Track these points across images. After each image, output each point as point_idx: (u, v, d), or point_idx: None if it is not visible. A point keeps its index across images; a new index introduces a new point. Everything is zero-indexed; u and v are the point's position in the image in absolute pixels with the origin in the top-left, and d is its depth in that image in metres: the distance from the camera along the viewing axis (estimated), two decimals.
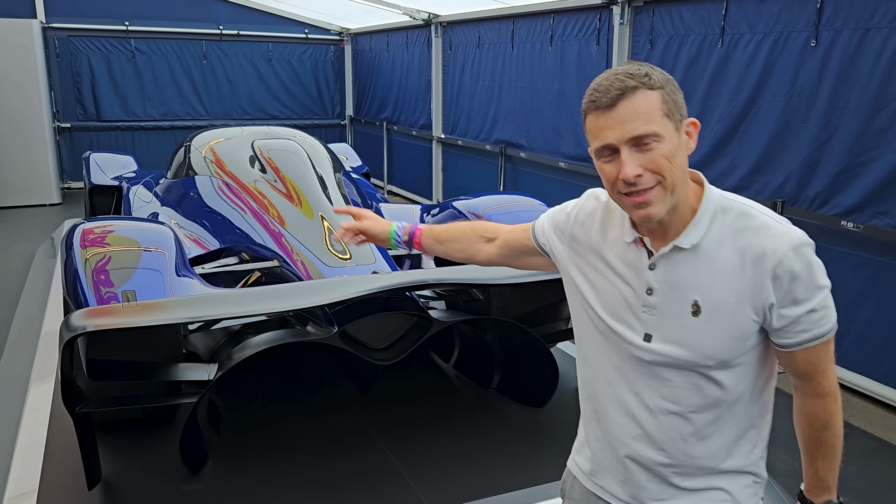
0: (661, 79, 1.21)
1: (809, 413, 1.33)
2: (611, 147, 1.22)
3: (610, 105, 1.20)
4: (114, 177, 5.84)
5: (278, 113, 10.12)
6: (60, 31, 8.84)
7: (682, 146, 1.23)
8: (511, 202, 3.92)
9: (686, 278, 1.27)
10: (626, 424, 1.37)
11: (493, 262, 1.68)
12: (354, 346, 2.92)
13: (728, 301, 1.24)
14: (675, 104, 1.22)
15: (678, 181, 1.23)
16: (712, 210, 1.27)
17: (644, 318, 1.31)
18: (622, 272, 1.34)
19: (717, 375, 1.27)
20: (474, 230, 1.70)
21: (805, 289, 1.22)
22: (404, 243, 1.75)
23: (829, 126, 3.83)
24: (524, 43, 6.55)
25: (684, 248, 1.26)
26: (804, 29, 3.95)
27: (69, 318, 2.47)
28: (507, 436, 3.18)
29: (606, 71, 1.24)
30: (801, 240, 1.23)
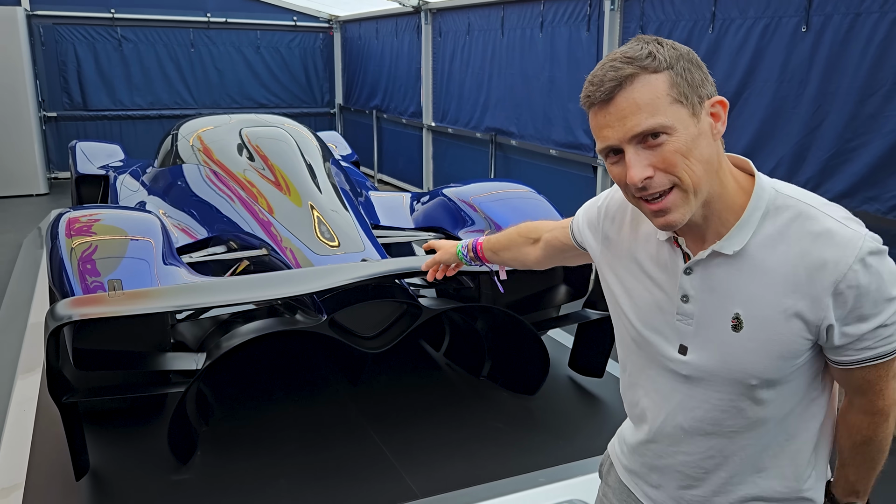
0: (669, 56, 1.02)
1: (852, 425, 1.17)
2: (614, 148, 1.05)
3: (606, 99, 1.03)
4: (100, 166, 5.78)
5: (267, 101, 10.04)
6: (45, 19, 8.73)
7: (703, 134, 1.03)
8: (501, 189, 3.90)
9: (727, 287, 1.09)
10: (662, 439, 1.24)
11: (542, 262, 1.58)
12: (343, 335, 2.90)
13: (776, 317, 1.06)
14: (690, 85, 1.03)
15: (701, 178, 1.03)
16: (763, 209, 1.07)
17: (679, 327, 1.15)
18: (655, 275, 1.19)
19: (761, 395, 1.11)
20: (520, 234, 1.61)
21: (873, 303, 1.03)
22: (472, 260, 1.69)
23: (819, 111, 3.82)
24: (514, 30, 6.51)
25: (726, 254, 1.09)
26: (795, 14, 3.94)
27: (55, 307, 2.45)
28: (498, 423, 3.18)
29: (606, 56, 1.07)
30: (870, 247, 1.02)
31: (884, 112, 3.51)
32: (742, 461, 1.18)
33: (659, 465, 1.27)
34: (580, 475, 2.69)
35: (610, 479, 1.43)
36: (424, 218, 4.05)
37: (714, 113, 1.06)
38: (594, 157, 5.58)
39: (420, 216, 4.10)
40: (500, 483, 2.71)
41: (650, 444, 1.27)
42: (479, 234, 3.61)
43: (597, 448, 2.91)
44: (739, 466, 1.18)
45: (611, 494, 1.41)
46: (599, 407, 3.37)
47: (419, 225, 4.04)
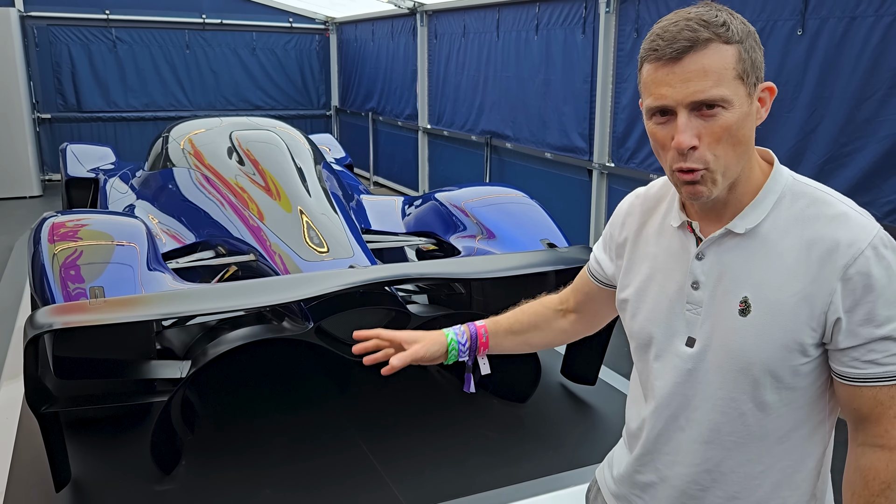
0: (741, 30, 1.00)
1: (867, 469, 1.04)
2: (667, 108, 1.01)
3: (674, 58, 0.98)
4: (91, 168, 5.74)
5: (262, 103, 10.00)
6: (39, 20, 8.68)
7: (751, 115, 1.02)
8: (493, 194, 3.86)
9: (737, 270, 1.06)
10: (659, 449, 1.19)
11: (581, 330, 1.44)
12: (330, 342, 2.85)
13: (785, 301, 1.02)
14: (753, 64, 1.01)
15: (739, 156, 1.02)
16: (778, 192, 1.06)
17: (688, 317, 1.12)
18: (666, 267, 1.16)
19: (765, 396, 1.06)
20: (544, 305, 1.44)
21: (886, 303, 0.98)
22: (468, 350, 1.38)
23: (814, 115, 3.78)
24: (510, 32, 6.47)
25: (738, 232, 1.06)
26: (790, 17, 3.90)
27: (34, 315, 2.40)
28: (489, 432, 3.13)
29: (676, 12, 1.03)
30: (884, 238, 1.00)
31: (879, 116, 3.47)
32: (740, 482, 1.12)
33: (651, 483, 1.21)
34: (572, 485, 2.65)
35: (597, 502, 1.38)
36: (416, 223, 4.01)
37: (762, 98, 1.06)
38: (589, 160, 5.54)
39: (412, 221, 4.06)
40: (490, 494, 2.67)
41: (645, 456, 1.22)
42: (471, 239, 3.57)
43: (589, 458, 2.88)
44: (737, 488, 1.12)
45: None
46: (592, 415, 3.33)
47: (411, 229, 4.00)
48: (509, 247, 3.38)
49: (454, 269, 2.97)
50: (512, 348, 1.44)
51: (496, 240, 3.47)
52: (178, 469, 2.82)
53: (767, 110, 1.07)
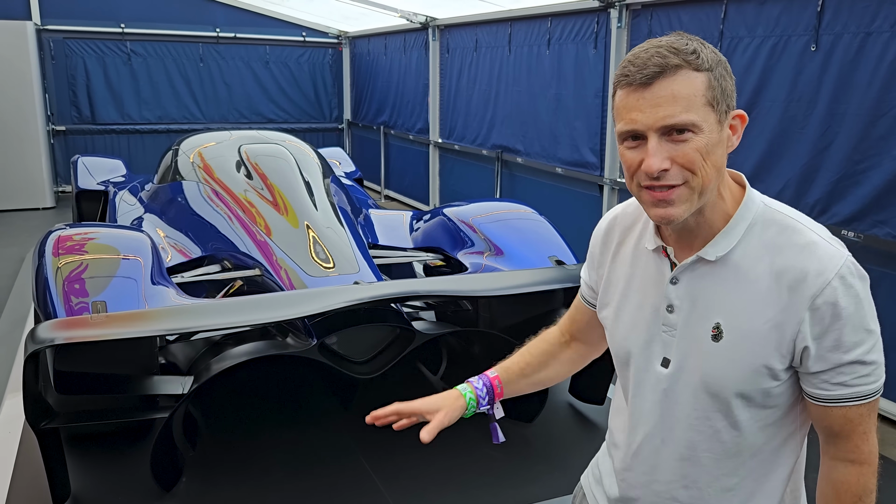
0: (710, 59, 1.02)
1: (840, 482, 1.08)
2: (638, 134, 1.03)
3: (645, 83, 1.00)
4: (101, 181, 5.76)
5: (275, 116, 10.03)
6: (56, 33, 8.76)
7: (722, 142, 1.04)
8: (502, 210, 3.83)
9: (709, 296, 1.09)
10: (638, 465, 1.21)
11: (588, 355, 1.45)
12: (334, 360, 2.82)
13: (755, 328, 1.05)
14: (723, 91, 1.03)
15: (709, 182, 1.03)
16: (749, 219, 1.08)
17: (664, 338, 1.14)
18: (642, 287, 1.18)
19: (737, 415, 1.09)
20: (548, 342, 1.45)
21: (853, 331, 1.02)
22: (487, 402, 1.39)
23: (828, 132, 3.72)
24: (521, 46, 6.45)
25: (709, 260, 1.09)
26: (804, 33, 3.85)
27: (36, 329, 2.38)
28: (493, 452, 3.08)
29: (648, 41, 1.05)
30: (851, 269, 1.03)
31: (894, 134, 3.41)
32: (716, 495, 1.15)
33: (632, 497, 1.24)
34: None
35: None
36: (424, 238, 3.98)
37: (732, 125, 1.07)
38: (600, 175, 5.49)
39: (420, 236, 4.03)
40: None
41: (625, 472, 1.24)
42: (479, 255, 3.53)
43: None
44: (713, 501, 1.15)
45: None
46: (600, 436, 3.25)
47: (418, 245, 3.97)
48: (517, 264, 3.34)
49: (460, 286, 2.94)
50: (526, 389, 1.45)
51: (504, 256, 3.44)
52: (179, 486, 2.79)
53: (739, 138, 1.08)
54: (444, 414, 1.35)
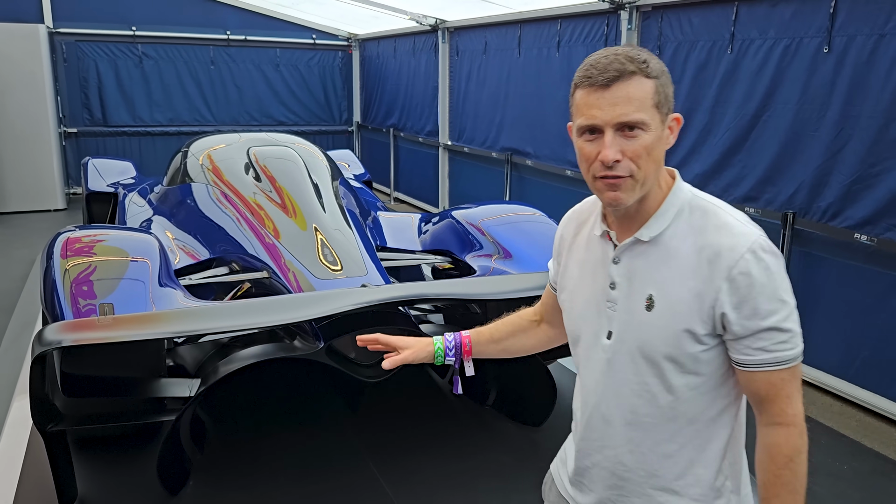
0: (657, 69, 1.19)
1: (771, 445, 1.20)
2: (596, 128, 1.18)
3: (604, 85, 1.16)
4: (111, 183, 5.77)
5: (285, 119, 10.05)
6: (68, 36, 8.81)
7: (662, 140, 1.21)
8: (510, 212, 3.80)
9: (644, 271, 1.25)
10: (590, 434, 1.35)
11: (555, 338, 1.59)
12: (341, 362, 2.81)
13: (682, 298, 1.20)
14: (666, 97, 1.20)
15: (650, 174, 1.20)
16: (678, 206, 1.25)
17: (608, 314, 1.29)
18: (592, 270, 1.34)
19: (671, 380, 1.23)
20: (521, 317, 1.62)
21: (766, 299, 1.16)
22: (453, 355, 1.57)
23: (841, 135, 3.68)
24: (531, 49, 6.43)
25: (644, 240, 1.25)
26: (816, 35, 3.82)
27: (43, 331, 2.38)
28: (502, 455, 3.06)
29: (605, 49, 1.20)
30: (763, 244, 1.18)
31: None
32: (658, 460, 1.28)
33: (587, 466, 1.37)
34: None
35: (551, 496, 1.50)
36: (433, 240, 3.96)
37: (671, 126, 1.23)
38: None
39: (428, 238, 4.01)
40: None
41: (582, 442, 1.37)
42: (487, 258, 3.51)
43: None
44: (656, 466, 1.28)
45: None
46: None
47: (427, 247, 3.96)
48: (525, 266, 3.32)
49: (468, 289, 2.92)
50: (494, 354, 1.62)
51: (512, 259, 3.42)
52: (186, 489, 2.78)
53: (675, 137, 1.24)
54: (412, 352, 1.56)
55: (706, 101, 4.51)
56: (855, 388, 3.70)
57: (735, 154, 4.31)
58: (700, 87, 4.56)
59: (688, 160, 4.62)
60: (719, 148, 4.40)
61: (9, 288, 5.48)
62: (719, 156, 4.39)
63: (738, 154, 4.30)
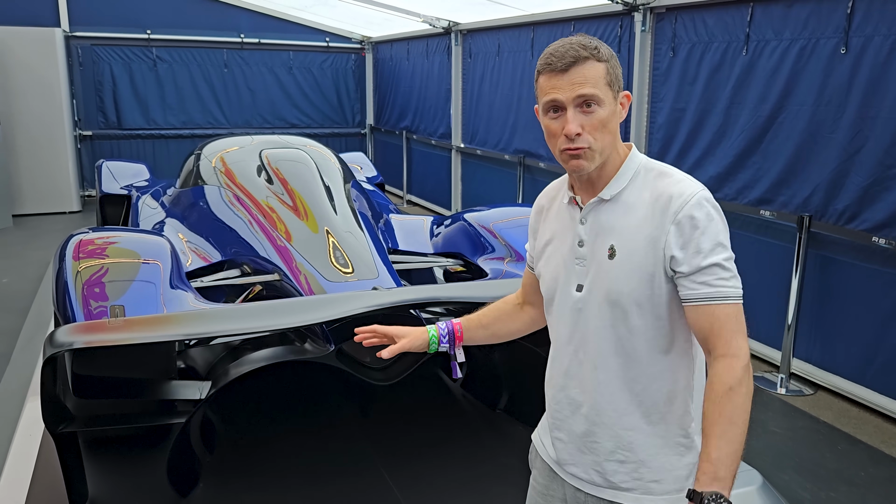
0: (606, 53, 1.37)
1: (714, 376, 1.28)
2: (558, 104, 1.35)
3: (563, 69, 1.34)
4: (124, 185, 5.80)
5: (299, 122, 10.07)
6: (83, 40, 8.88)
7: (615, 114, 1.39)
8: (523, 215, 3.78)
9: (607, 226, 1.40)
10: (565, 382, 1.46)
11: (539, 320, 1.67)
12: (351, 366, 2.79)
13: (639, 245, 1.35)
14: (616, 77, 1.38)
15: (607, 143, 1.38)
16: (634, 168, 1.42)
17: (577, 270, 1.44)
18: (562, 233, 1.48)
19: (634, 321, 1.36)
20: (505, 301, 1.74)
21: (708, 240, 1.30)
22: (447, 342, 1.68)
23: (858, 137, 3.64)
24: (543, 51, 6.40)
25: (606, 199, 1.41)
26: (833, 35, 3.77)
27: (54, 333, 2.38)
28: (513, 460, 3.03)
29: (561, 39, 1.39)
30: (706, 196, 1.34)
31: None
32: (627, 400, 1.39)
33: (560, 417, 1.48)
34: None
35: (537, 463, 1.61)
36: (444, 243, 3.95)
37: (622, 103, 1.41)
38: None
39: (440, 241, 4.00)
40: None
41: (557, 393, 1.48)
42: (499, 261, 3.49)
43: None
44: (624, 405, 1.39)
45: (538, 476, 1.59)
46: None
47: (438, 250, 3.94)
48: None
49: (479, 292, 2.89)
50: (484, 340, 1.72)
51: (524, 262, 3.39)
52: (196, 491, 2.77)
53: (626, 111, 1.42)
54: (408, 341, 1.66)
55: (720, 103, 4.47)
56: (873, 394, 3.64)
57: (749, 156, 4.27)
58: (714, 89, 4.52)
59: (702, 162, 4.58)
60: (734, 150, 4.35)
61: (24, 289, 5.52)
62: (734, 158, 4.35)
63: (752, 156, 4.26)
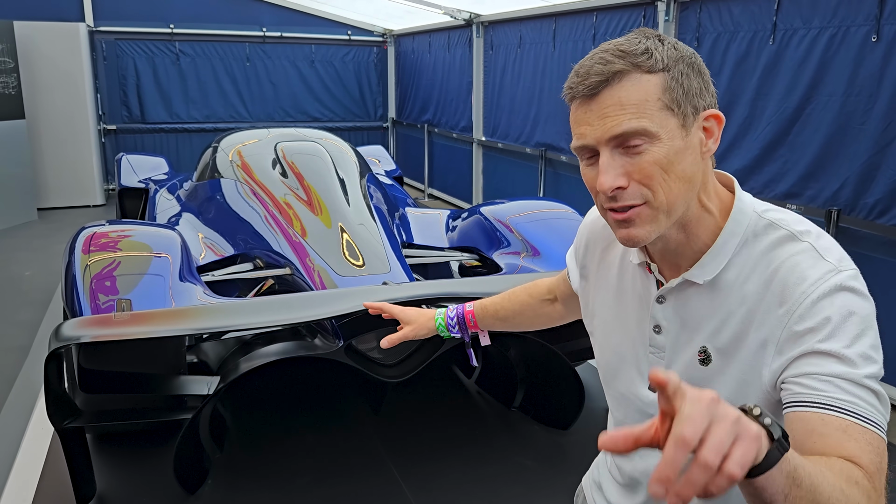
0: (668, 56, 0.91)
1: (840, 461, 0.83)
2: (591, 149, 0.93)
3: (589, 94, 0.91)
4: (142, 179, 5.81)
5: (320, 115, 10.05)
6: (107, 35, 8.92)
7: (690, 149, 0.91)
8: (539, 209, 3.70)
9: (698, 318, 0.99)
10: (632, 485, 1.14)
11: (568, 317, 1.44)
12: (361, 362, 2.74)
13: (744, 349, 0.96)
14: (686, 92, 0.91)
15: (676, 198, 0.92)
16: (741, 234, 0.96)
17: (652, 360, 1.05)
18: (629, 303, 1.08)
19: None
20: (531, 295, 1.46)
21: None
22: (457, 328, 1.48)
23: (890, 128, 3.50)
24: (566, 42, 6.30)
25: (697, 283, 0.98)
26: (864, 23, 3.63)
27: (60, 327, 2.35)
28: (527, 460, 2.97)
29: (601, 45, 0.94)
30: (840, 278, 0.91)
31: None
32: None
33: None
34: None
35: None
36: (460, 237, 3.88)
37: (707, 128, 0.94)
38: None
39: (456, 235, 3.93)
40: None
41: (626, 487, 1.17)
42: (515, 256, 3.42)
43: None
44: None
45: None
46: None
47: (454, 244, 3.87)
48: (553, 265, 3.21)
49: (492, 287, 2.82)
50: (499, 329, 1.50)
51: (540, 257, 3.31)
52: (204, 489, 2.74)
53: (717, 140, 0.95)
54: (412, 329, 1.49)
55: (746, 94, 4.34)
56: None
57: (777, 148, 4.14)
58: (740, 80, 4.39)
59: (727, 155, 4.45)
60: (760, 142, 4.22)
61: (46, 282, 5.55)
62: (760, 150, 4.22)
63: (779, 148, 4.12)
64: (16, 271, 5.84)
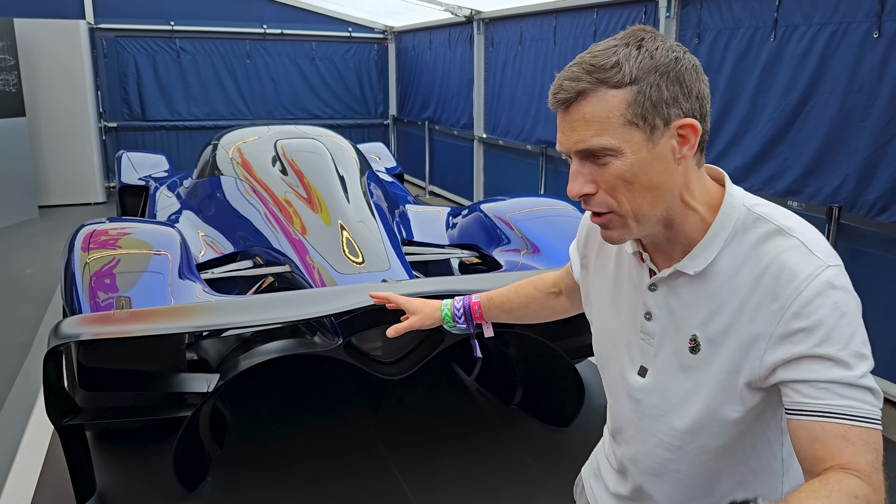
0: (640, 68, 0.92)
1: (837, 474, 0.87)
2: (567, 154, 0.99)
3: (564, 108, 0.96)
4: (142, 176, 5.81)
5: (321, 113, 10.04)
6: (108, 32, 8.92)
7: (658, 159, 0.94)
8: (539, 206, 3.69)
9: (688, 307, 1.02)
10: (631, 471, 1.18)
11: (573, 310, 1.46)
12: (360, 360, 2.74)
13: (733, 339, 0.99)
14: (655, 104, 0.92)
15: (642, 207, 0.96)
16: (730, 228, 0.99)
17: (642, 346, 1.09)
18: (624, 290, 1.13)
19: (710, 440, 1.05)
20: (536, 288, 1.48)
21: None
22: (463, 319, 1.50)
23: (891, 125, 3.49)
24: (567, 39, 6.29)
25: (687, 273, 1.01)
26: (865, 19, 3.62)
27: (59, 325, 2.36)
28: (526, 457, 2.97)
29: (577, 56, 0.98)
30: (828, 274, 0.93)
31: None
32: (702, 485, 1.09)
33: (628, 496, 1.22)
34: None
35: (581, 501, 1.40)
36: (460, 234, 3.87)
37: (683, 135, 0.96)
38: None
39: (456, 232, 3.93)
40: None
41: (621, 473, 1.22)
42: (515, 253, 3.41)
43: None
44: None
45: None
46: None
47: (454, 241, 3.87)
48: (554, 262, 3.21)
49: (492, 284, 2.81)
50: (504, 321, 1.52)
51: (541, 255, 3.31)
52: (204, 486, 2.74)
53: (693, 147, 0.96)
54: (418, 319, 1.50)
55: (747, 91, 4.33)
56: None
57: (777, 145, 4.13)
58: (740, 77, 4.38)
59: (727, 152, 4.44)
60: (760, 139, 4.21)
61: (48, 280, 5.55)
62: (760, 147, 4.21)
63: (779, 145, 4.12)
64: (17, 269, 5.85)
